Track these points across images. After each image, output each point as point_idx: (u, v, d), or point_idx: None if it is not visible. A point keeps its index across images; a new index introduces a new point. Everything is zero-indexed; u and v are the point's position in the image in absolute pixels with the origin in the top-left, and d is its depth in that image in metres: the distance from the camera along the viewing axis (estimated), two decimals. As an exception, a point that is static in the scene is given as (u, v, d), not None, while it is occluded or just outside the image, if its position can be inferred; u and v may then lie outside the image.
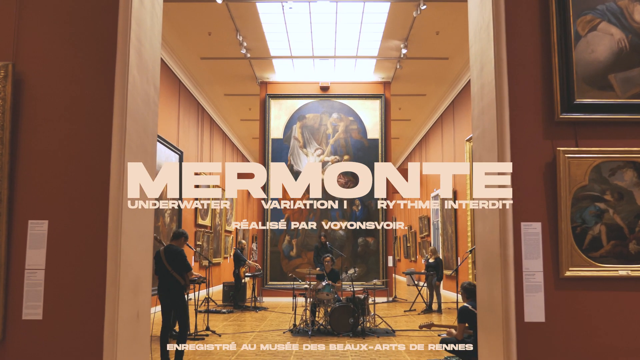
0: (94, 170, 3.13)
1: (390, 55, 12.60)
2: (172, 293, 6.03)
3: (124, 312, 3.15)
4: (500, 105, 3.18)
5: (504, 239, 3.10)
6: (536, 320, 3.05)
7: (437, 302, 11.21)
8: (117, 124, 3.13)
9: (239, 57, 12.50)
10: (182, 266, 6.01)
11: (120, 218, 3.09)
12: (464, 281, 6.22)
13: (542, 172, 3.14)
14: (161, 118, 11.59)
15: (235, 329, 8.75)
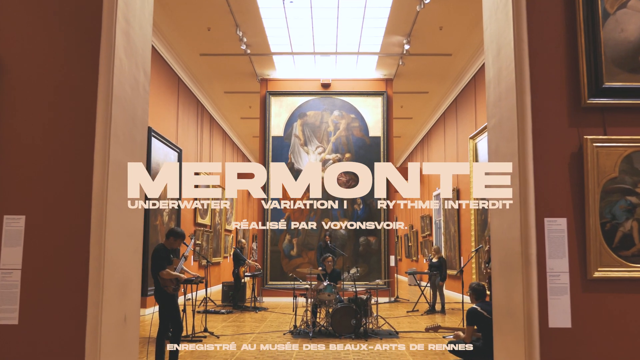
0: (76, 162, 2.83)
1: (392, 52, 12.30)
2: (156, 295, 5.77)
3: (109, 316, 2.85)
4: (521, 91, 2.89)
5: (526, 237, 2.80)
6: (561, 326, 2.75)
7: (441, 303, 10.91)
8: (101, 111, 2.84)
9: (238, 54, 12.20)
10: (153, 266, 5.74)
11: (105, 214, 2.80)
12: (472, 282, 5.92)
13: (567, 163, 2.84)
14: (160, 115, 11.32)
15: (234, 330, 8.45)
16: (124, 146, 3.05)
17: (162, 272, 5.75)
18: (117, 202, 2.96)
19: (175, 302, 5.82)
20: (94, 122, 2.82)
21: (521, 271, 2.81)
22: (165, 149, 11.47)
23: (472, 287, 5.72)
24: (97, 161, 2.80)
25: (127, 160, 3.09)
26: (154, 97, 10.96)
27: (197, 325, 8.17)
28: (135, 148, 3.25)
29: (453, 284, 14.16)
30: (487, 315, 5.41)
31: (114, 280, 2.92)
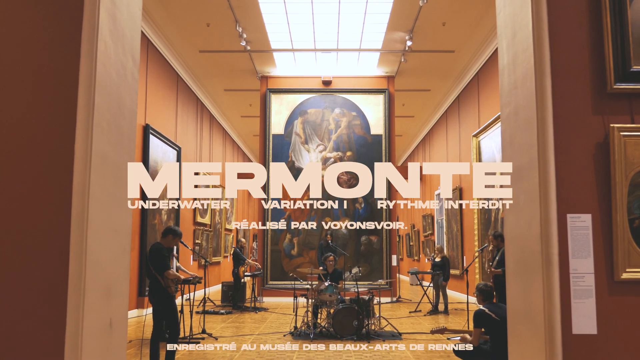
0: (55, 151, 2.57)
1: (394, 48, 12.05)
2: (155, 295, 5.51)
3: (92, 321, 2.60)
4: (541, 75, 2.63)
5: (547, 235, 2.55)
6: (586, 332, 2.49)
7: (444, 303, 10.64)
8: (83, 96, 2.58)
9: (238, 50, 11.95)
10: (158, 265, 5.48)
11: (86, 210, 2.54)
12: (479, 282, 5.66)
13: (591, 154, 2.58)
14: (159, 113, 11.07)
15: (234, 331, 8.20)
16: (109, 136, 2.79)
17: (169, 272, 5.51)
18: (102, 197, 2.71)
19: (174, 304, 5.58)
20: (75, 109, 2.56)
21: (541, 272, 2.55)
22: (164, 147, 11.22)
23: (479, 288, 5.46)
24: (79, 151, 2.55)
25: (112, 152, 2.84)
26: (153, 95, 10.71)
27: (195, 327, 7.91)
28: (122, 140, 2.99)
29: (456, 284, 13.90)
30: (495, 318, 5.15)
31: (98, 282, 2.67)
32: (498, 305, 5.33)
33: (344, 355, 6.56)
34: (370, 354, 6.62)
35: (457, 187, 13.96)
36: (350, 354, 6.71)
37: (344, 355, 6.57)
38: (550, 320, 2.49)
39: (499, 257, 7.67)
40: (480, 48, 11.57)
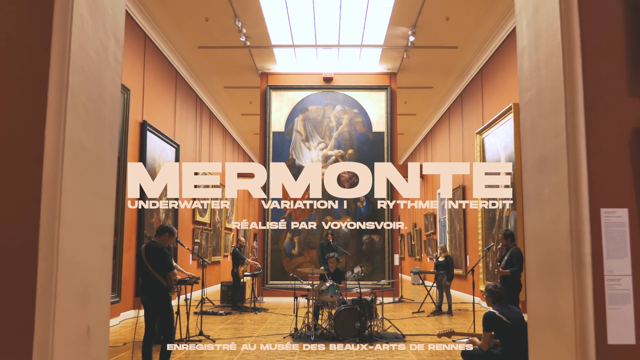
0: (22, 136, 2.26)
1: (397, 44, 11.74)
2: (153, 296, 5.20)
3: (66, 329, 2.29)
4: (569, 53, 2.32)
5: (577, 232, 2.24)
6: (623, 343, 2.18)
7: (447, 303, 10.33)
8: (55, 75, 2.27)
9: (238, 46, 11.65)
10: (162, 265, 5.17)
11: (59, 203, 2.23)
12: (489, 283, 5.35)
13: (627, 141, 2.27)
14: (157, 110, 10.76)
15: (232, 333, 7.90)
16: (86, 123, 2.49)
17: (174, 272, 5.22)
18: (77, 190, 2.40)
19: (171, 304, 5.28)
20: (46, 89, 2.25)
21: (571, 274, 2.24)
22: (162, 144, 10.92)
23: (488, 290, 5.15)
24: (50, 137, 2.24)
25: (91, 141, 2.53)
26: (150, 92, 10.41)
27: (192, 328, 7.61)
28: (103, 128, 2.68)
29: (459, 284, 13.58)
30: (506, 321, 4.85)
31: (73, 285, 2.36)
32: (509, 308, 5.02)
33: (346, 357, 6.25)
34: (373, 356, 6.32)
35: (459, 186, 13.65)
36: (352, 355, 6.42)
37: (346, 357, 6.27)
38: (582, 328, 2.19)
39: (507, 257, 7.36)
40: (484, 44, 11.26)
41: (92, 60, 2.55)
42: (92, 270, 2.57)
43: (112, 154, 2.84)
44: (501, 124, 10.53)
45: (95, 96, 2.59)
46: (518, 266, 7.27)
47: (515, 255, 7.34)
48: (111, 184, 2.84)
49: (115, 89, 2.87)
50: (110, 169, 2.81)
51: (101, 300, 2.67)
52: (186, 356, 6.25)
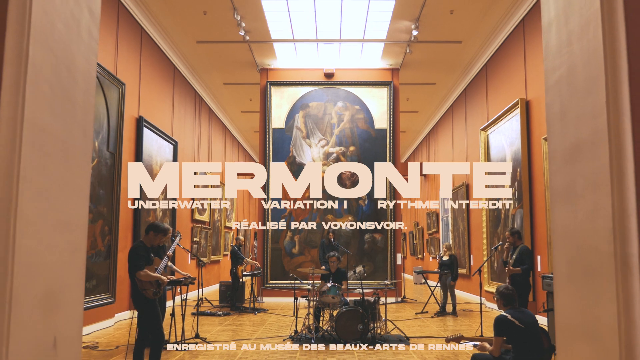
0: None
1: (399, 39, 11.39)
2: (133, 298, 4.91)
3: (24, 341, 1.96)
4: (610, 19, 1.98)
5: (622, 229, 1.89)
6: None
7: (452, 304, 9.98)
8: (11, 44, 1.94)
9: (237, 41, 11.31)
10: (129, 266, 4.88)
11: (14, 195, 1.90)
12: (500, 285, 5.00)
13: (680, 121, 1.93)
14: (153, 105, 10.40)
15: (230, 335, 7.56)
16: (52, 104, 2.15)
17: (140, 273, 4.88)
18: (41, 182, 2.07)
19: (155, 308, 4.94)
20: (1, 60, 1.92)
21: (614, 279, 1.90)
22: (159, 141, 10.59)
23: (500, 292, 4.80)
24: (4, 117, 1.90)
25: (57, 125, 2.19)
26: (147, 86, 10.08)
27: (188, 330, 7.28)
28: (74, 111, 2.34)
29: (462, 284, 13.24)
30: (519, 325, 4.51)
31: (34, 290, 2.03)
32: (522, 311, 4.68)
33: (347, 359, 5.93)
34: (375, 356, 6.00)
35: (463, 184, 13.30)
36: (353, 355, 6.10)
37: (347, 358, 5.95)
38: (628, 341, 1.84)
39: (516, 256, 7.02)
40: (489, 38, 10.91)
41: (60, 32, 2.22)
42: (59, 274, 2.23)
43: (85, 143, 2.50)
44: (507, 119, 10.19)
45: (63, 74, 2.25)
46: (529, 264, 6.94)
47: (524, 253, 7.01)
48: (85, 176, 2.50)
49: (90, 68, 2.53)
50: (83, 159, 2.47)
51: (72, 307, 2.34)
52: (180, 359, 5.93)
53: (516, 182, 9.68)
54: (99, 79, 7.93)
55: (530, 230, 8.88)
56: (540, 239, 8.63)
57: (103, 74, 8.04)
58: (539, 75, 8.82)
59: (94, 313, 7.66)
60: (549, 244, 8.15)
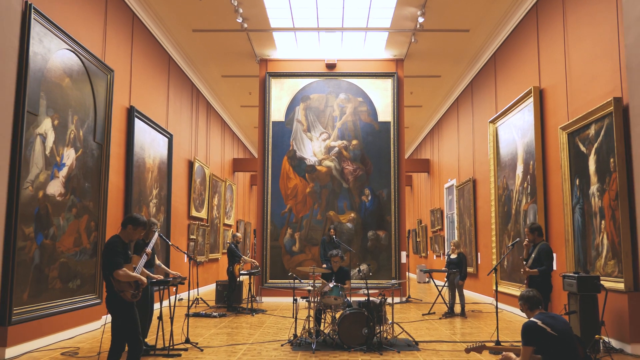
0: None
1: (404, 26, 10.71)
2: (108, 301, 4.25)
3: None
4: None
5: None
6: None
7: (461, 305, 9.30)
8: None
9: (235, 29, 10.65)
10: (106, 264, 4.22)
11: None
12: (525, 289, 4.32)
13: None
14: (146, 95, 9.67)
15: (224, 339, 6.90)
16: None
17: (118, 273, 4.21)
18: None
19: (133, 313, 4.27)
20: None
21: None
22: (152, 133, 9.93)
23: (525, 297, 4.12)
24: None
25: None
26: (139, 75, 9.43)
27: (178, 334, 6.64)
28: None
29: (470, 283, 12.58)
30: (550, 332, 3.84)
31: None
32: (553, 316, 4.01)
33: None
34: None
35: (469, 179, 12.64)
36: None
37: None
38: None
39: (535, 255, 6.34)
40: (499, 26, 10.24)
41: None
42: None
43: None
44: (518, 110, 9.52)
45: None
46: (547, 264, 6.26)
47: (543, 252, 6.33)
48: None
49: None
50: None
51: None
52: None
53: (529, 175, 9.00)
54: (84, 64, 7.27)
55: (545, 227, 8.21)
56: (556, 236, 7.96)
57: (89, 58, 7.38)
58: (554, 62, 8.15)
59: (78, 315, 7.01)
60: (567, 241, 7.48)
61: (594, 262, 6.81)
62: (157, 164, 10.16)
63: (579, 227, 7.23)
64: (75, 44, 7.00)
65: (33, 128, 6.09)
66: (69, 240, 6.85)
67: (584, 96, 7.18)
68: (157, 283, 5.80)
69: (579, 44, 7.38)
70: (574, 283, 6.02)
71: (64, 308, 6.69)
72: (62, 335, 6.65)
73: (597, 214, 6.75)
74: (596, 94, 6.84)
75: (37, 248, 6.16)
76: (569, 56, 7.65)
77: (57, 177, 6.60)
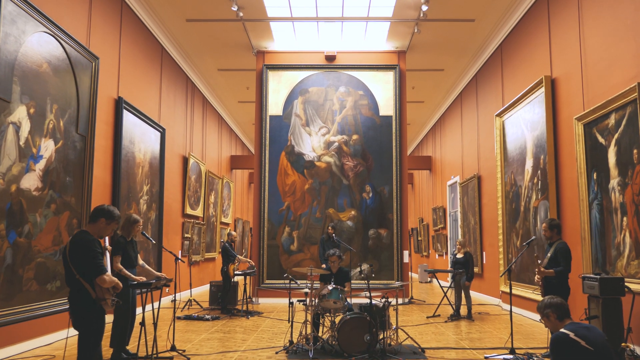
0: None
1: (407, 16, 10.10)
2: (77, 310, 3.60)
3: None
4: None
5: None
6: None
7: (467, 307, 8.69)
8: None
9: (230, 19, 10.05)
10: (85, 267, 3.57)
11: None
12: (547, 296, 3.69)
13: None
14: (137, 87, 8.99)
15: (215, 346, 6.29)
16: None
17: (103, 278, 3.58)
18: None
19: (103, 325, 3.67)
20: None
21: None
22: (143, 126, 9.32)
23: (552, 304, 3.51)
24: None
25: None
26: (128, 65, 8.82)
27: (162, 342, 6.04)
28: None
29: (475, 284, 11.96)
30: (586, 346, 3.22)
31: None
32: (587, 327, 3.39)
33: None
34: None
35: (474, 175, 12.03)
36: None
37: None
38: None
39: (551, 254, 5.73)
40: (506, 13, 9.63)
41: None
42: None
43: None
44: (527, 102, 8.91)
45: None
46: (565, 265, 5.65)
47: (561, 251, 5.72)
48: None
49: None
50: None
51: None
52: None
53: (539, 170, 8.40)
54: (65, 50, 6.66)
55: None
56: (571, 234, 7.34)
57: (71, 44, 6.78)
58: (567, 48, 7.54)
59: (57, 319, 6.40)
60: (583, 240, 6.87)
61: (614, 262, 6.20)
62: (148, 159, 9.55)
63: (596, 224, 6.62)
64: (55, 28, 6.40)
65: (5, 116, 5.50)
66: (47, 238, 6.24)
67: (602, 84, 6.57)
68: (139, 285, 5.20)
69: (596, 27, 6.77)
70: (596, 285, 5.40)
71: (41, 312, 6.09)
72: (38, 341, 6.05)
73: (617, 210, 6.14)
74: (616, 80, 6.23)
75: (10, 247, 5.55)
76: (584, 41, 7.05)
77: (33, 169, 6.00)
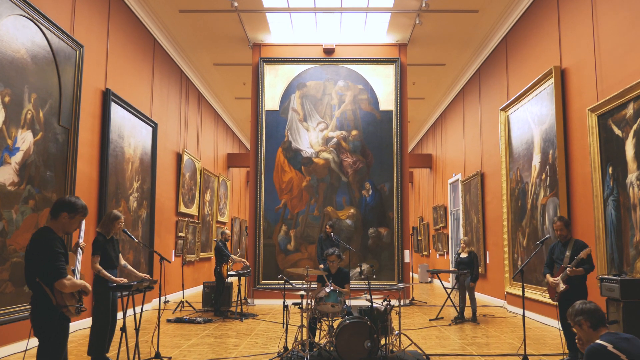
0: None
1: (408, 7, 9.60)
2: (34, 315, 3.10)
3: None
4: None
5: None
6: None
7: (472, 309, 8.19)
8: None
9: (225, 10, 9.56)
10: (43, 269, 3.06)
11: None
12: (579, 301, 3.17)
13: None
14: (127, 79, 8.40)
15: (204, 352, 5.78)
16: None
17: (63, 283, 3.07)
18: None
19: (66, 335, 3.16)
20: None
21: None
22: (133, 120, 8.81)
23: (582, 310, 3.01)
24: None
25: None
26: (117, 56, 8.31)
27: (146, 349, 5.53)
28: None
29: (478, 284, 11.45)
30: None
31: None
32: (626, 338, 2.88)
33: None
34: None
35: (477, 173, 11.54)
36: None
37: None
38: None
39: (570, 252, 5.24)
40: (511, 4, 9.15)
41: None
42: None
43: None
44: (534, 95, 8.42)
45: None
46: (590, 264, 5.20)
47: (582, 249, 5.25)
48: None
49: None
50: None
51: None
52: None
53: (548, 166, 7.91)
54: (46, 35, 6.16)
55: (568, 222, 7.09)
56: (583, 232, 6.85)
57: (52, 29, 6.28)
58: (579, 37, 7.06)
59: (36, 323, 5.89)
60: (597, 238, 6.37)
61: (633, 262, 5.71)
62: (138, 155, 9.04)
63: (612, 222, 6.13)
64: (34, 12, 5.90)
65: (-25, 103, 5.00)
66: (24, 236, 5.73)
67: (618, 72, 6.08)
68: (119, 288, 4.71)
69: (610, 13, 6.28)
70: (616, 287, 4.92)
71: (17, 316, 5.58)
72: (13, 347, 5.53)
73: (636, 207, 5.65)
74: (634, 68, 5.75)
75: (-20, 246, 5.05)
76: (597, 28, 6.56)
77: (8, 162, 5.50)
